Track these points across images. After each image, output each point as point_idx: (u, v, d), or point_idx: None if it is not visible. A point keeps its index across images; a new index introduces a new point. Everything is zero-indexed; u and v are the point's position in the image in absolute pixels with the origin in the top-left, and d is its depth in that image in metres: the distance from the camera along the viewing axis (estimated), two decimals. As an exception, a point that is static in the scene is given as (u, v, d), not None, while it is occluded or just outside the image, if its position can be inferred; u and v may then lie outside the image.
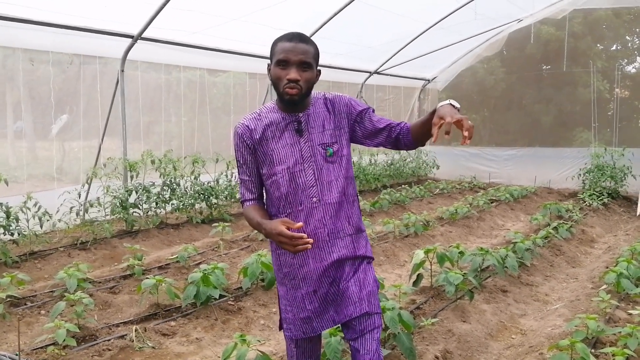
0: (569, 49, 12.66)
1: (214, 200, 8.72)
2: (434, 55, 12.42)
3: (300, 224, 2.21)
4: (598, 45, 13.59)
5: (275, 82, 2.35)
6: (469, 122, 2.07)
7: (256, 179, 2.50)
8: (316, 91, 2.52)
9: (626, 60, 13.58)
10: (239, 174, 2.53)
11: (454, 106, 2.20)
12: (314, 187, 2.41)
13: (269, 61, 2.43)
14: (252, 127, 2.44)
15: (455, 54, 13.31)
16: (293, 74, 2.30)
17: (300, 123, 2.43)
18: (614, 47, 13.86)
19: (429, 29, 10.68)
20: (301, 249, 2.17)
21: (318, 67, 2.43)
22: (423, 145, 2.48)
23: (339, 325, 2.56)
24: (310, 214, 2.41)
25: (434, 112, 2.21)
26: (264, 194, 2.57)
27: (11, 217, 6.18)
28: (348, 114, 2.51)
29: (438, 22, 10.48)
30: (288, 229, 2.19)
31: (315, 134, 2.44)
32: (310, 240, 2.19)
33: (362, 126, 2.51)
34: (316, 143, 2.43)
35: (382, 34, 10.75)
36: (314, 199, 2.41)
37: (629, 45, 13.95)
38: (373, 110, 2.55)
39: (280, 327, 2.64)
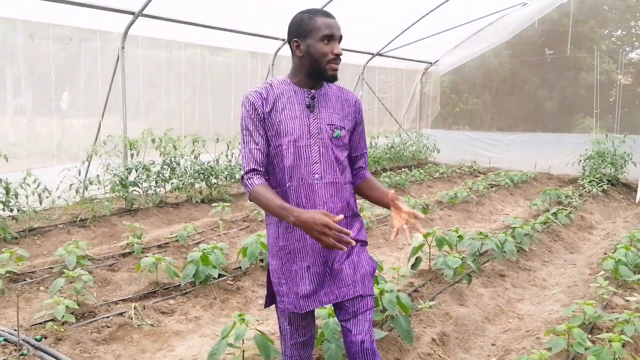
0: (572, 33, 12.54)
1: (214, 180, 8.72)
2: (437, 38, 12.31)
3: (341, 216, 2.12)
4: (603, 29, 13.46)
5: (319, 58, 2.33)
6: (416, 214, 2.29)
7: (264, 148, 2.39)
8: None
9: (629, 47, 13.48)
10: (244, 143, 2.39)
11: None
12: (318, 164, 2.39)
13: (289, 38, 2.40)
14: (265, 96, 2.38)
15: (459, 37, 13.20)
16: (339, 49, 2.34)
17: (314, 99, 2.41)
18: (618, 32, 13.74)
19: (432, 10, 10.58)
20: (340, 247, 2.10)
21: None
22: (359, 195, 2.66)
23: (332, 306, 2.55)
24: (310, 189, 2.39)
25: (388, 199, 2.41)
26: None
27: (10, 193, 6.18)
28: (355, 113, 2.55)
29: (442, 4, 10.38)
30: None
31: (325, 112, 2.43)
32: (353, 242, 2.13)
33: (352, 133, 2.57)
34: (325, 122, 2.42)
35: (385, 16, 10.64)
36: (316, 176, 2.39)
37: (633, 31, 13.82)
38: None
39: (266, 304, 2.63)
